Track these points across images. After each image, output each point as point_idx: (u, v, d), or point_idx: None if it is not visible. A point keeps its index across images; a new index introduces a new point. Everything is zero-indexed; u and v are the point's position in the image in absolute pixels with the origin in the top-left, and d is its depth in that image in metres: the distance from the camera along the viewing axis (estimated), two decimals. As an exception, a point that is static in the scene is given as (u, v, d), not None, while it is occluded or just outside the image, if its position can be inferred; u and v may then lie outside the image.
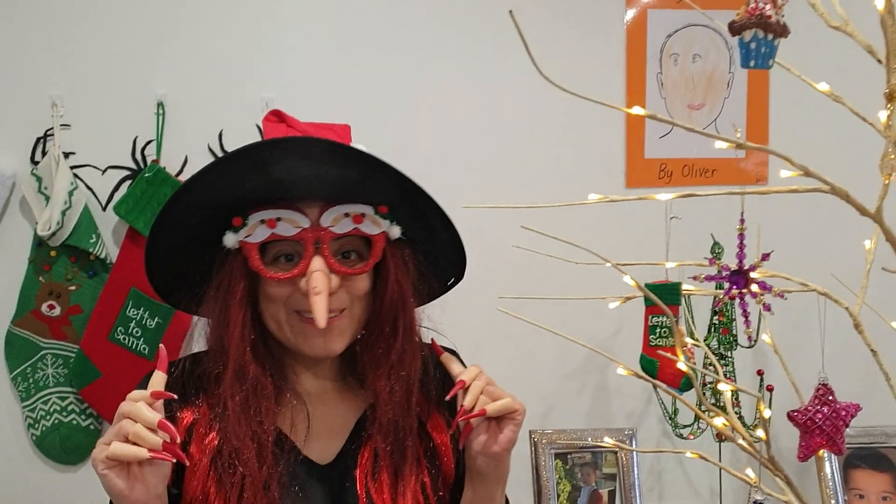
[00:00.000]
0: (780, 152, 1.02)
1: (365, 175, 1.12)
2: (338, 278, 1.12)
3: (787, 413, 1.23)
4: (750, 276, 1.08)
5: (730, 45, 2.19)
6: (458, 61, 2.18)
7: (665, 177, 2.16)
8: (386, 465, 1.16)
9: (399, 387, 1.17)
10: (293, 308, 1.14)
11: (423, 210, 1.18)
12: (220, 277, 1.15)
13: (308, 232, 1.11)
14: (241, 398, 1.12)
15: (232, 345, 1.13)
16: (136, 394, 1.00)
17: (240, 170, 1.09)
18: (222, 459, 1.11)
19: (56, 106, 2.03)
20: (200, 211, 1.13)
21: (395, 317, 1.18)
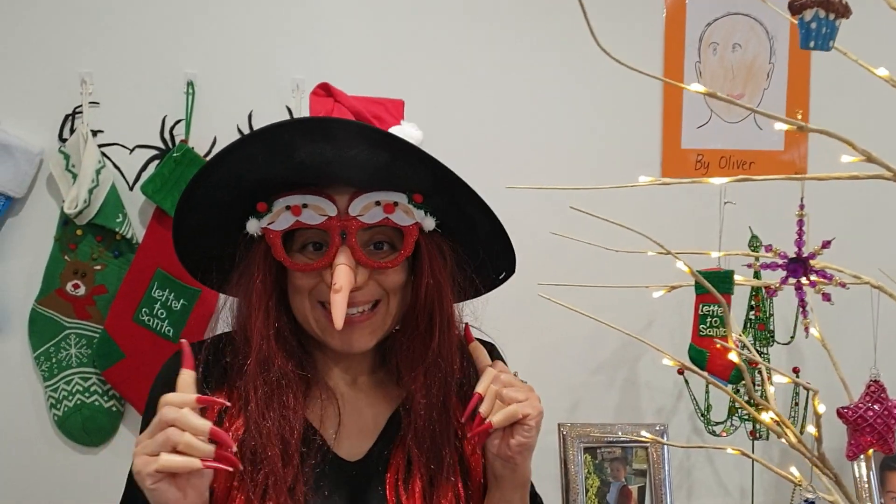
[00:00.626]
0: (843, 136, 0.98)
1: (397, 160, 1.05)
2: (366, 271, 1.07)
3: (837, 410, 1.19)
4: (809, 264, 1.03)
5: (770, 35, 2.14)
6: (493, 47, 2.14)
7: (701, 168, 2.11)
8: (420, 474, 1.11)
9: (436, 389, 1.11)
10: (318, 300, 1.09)
11: (461, 200, 1.11)
12: (244, 264, 1.11)
13: (334, 221, 1.06)
14: (265, 392, 1.07)
15: (254, 335, 1.08)
16: (177, 398, 0.94)
17: (259, 153, 1.03)
18: (245, 456, 1.05)
19: (85, 83, 2.01)
20: (223, 193, 1.08)
21: (432, 313, 1.11)
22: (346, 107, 1.14)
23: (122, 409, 2.08)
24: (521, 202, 2.01)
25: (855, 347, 1.69)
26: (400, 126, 1.15)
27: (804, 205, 1.04)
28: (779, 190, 2.10)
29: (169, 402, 0.93)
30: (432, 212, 1.11)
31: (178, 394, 0.95)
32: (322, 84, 1.17)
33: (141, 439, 0.95)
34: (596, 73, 2.15)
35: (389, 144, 1.03)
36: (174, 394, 0.95)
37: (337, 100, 1.15)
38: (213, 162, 1.05)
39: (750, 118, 2.14)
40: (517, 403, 1.05)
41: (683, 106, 2.13)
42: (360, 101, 1.16)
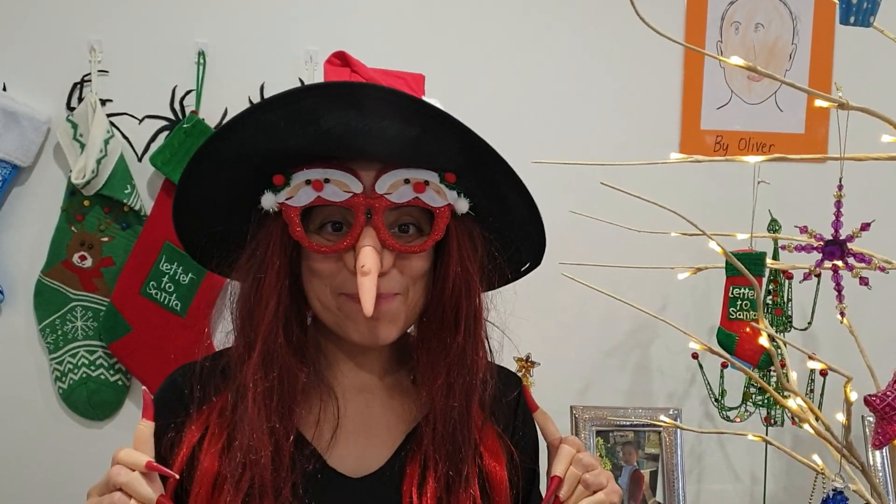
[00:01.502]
0: (884, 114, 0.95)
1: (429, 134, 0.94)
2: (391, 256, 0.96)
3: (864, 398, 1.16)
4: (847, 246, 1.00)
5: (794, 16, 2.10)
6: (512, 24, 2.09)
7: (720, 149, 2.08)
8: (436, 480, 1.00)
9: (459, 389, 1.00)
10: (339, 291, 0.99)
11: (497, 180, 1.00)
12: (256, 243, 0.99)
13: (360, 198, 0.95)
14: (265, 388, 0.97)
15: (263, 324, 0.97)
16: (129, 458, 0.88)
17: (277, 121, 0.92)
18: (232, 455, 0.97)
19: (94, 51, 1.97)
20: (233, 164, 0.97)
21: (458, 306, 1.00)
22: (363, 78, 1.04)
23: (129, 383, 2.06)
24: (539, 180, 1.98)
25: (877, 334, 1.67)
26: None
27: (842, 185, 1.01)
28: (798, 173, 2.09)
29: (119, 461, 0.89)
30: (465, 193, 1.01)
31: (131, 452, 0.90)
32: (338, 52, 1.08)
33: (92, 492, 0.90)
34: (616, 53, 2.11)
35: (423, 114, 0.92)
36: (127, 451, 0.90)
37: (354, 70, 1.05)
38: (224, 129, 0.94)
39: (771, 99, 2.10)
40: (603, 492, 0.99)
41: (704, 86, 2.09)
42: (379, 74, 1.07)
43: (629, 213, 1.72)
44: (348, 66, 1.08)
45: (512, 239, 1.06)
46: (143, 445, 0.91)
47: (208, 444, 0.99)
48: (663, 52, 2.11)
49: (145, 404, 0.93)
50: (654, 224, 1.68)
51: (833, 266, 1.00)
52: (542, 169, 1.67)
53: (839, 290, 1.02)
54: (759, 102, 2.10)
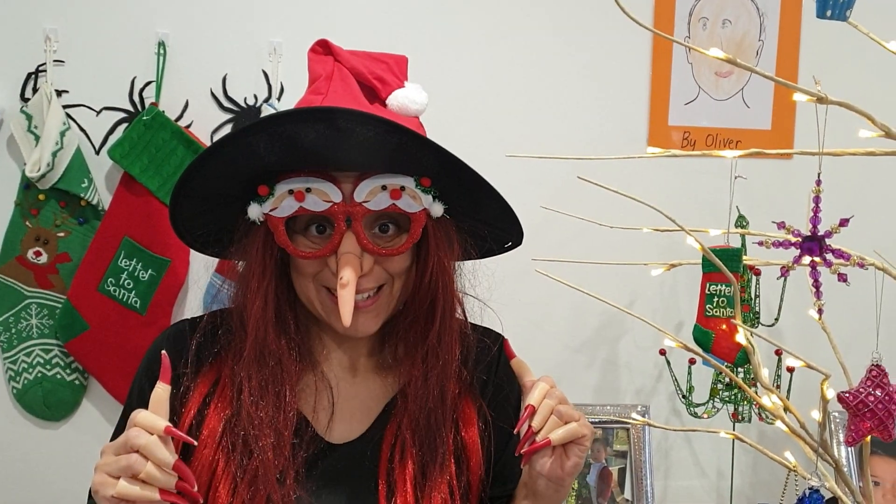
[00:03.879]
0: (862, 109, 0.94)
1: (404, 148, 1.01)
2: (371, 259, 1.04)
3: (838, 394, 1.15)
4: (826, 242, 0.99)
5: (761, 12, 2.10)
6: (483, 19, 2.07)
7: (688, 145, 2.08)
8: (413, 461, 1.07)
9: (434, 376, 1.08)
10: (323, 284, 1.06)
11: (468, 183, 1.07)
12: (244, 249, 1.07)
13: (339, 207, 1.02)
14: (260, 381, 1.04)
15: (251, 321, 1.05)
16: (147, 421, 0.90)
17: (257, 144, 0.99)
18: (235, 440, 1.03)
19: (49, 40, 1.91)
20: (219, 181, 1.04)
21: (434, 299, 1.08)
22: (346, 66, 1.07)
23: (86, 382, 2.00)
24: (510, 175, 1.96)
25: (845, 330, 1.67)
26: (404, 88, 1.08)
27: (821, 181, 1.00)
28: (766, 168, 2.10)
29: (138, 424, 0.90)
30: (440, 195, 1.07)
31: (149, 416, 0.91)
32: (321, 41, 1.10)
33: (106, 450, 0.92)
34: (584, 49, 2.10)
35: (396, 133, 0.99)
36: (145, 414, 0.91)
37: (337, 59, 1.08)
38: (208, 153, 1.02)
39: (738, 96, 2.10)
40: (576, 422, 1.02)
41: (671, 82, 2.08)
42: (361, 60, 1.09)
43: (600, 209, 1.71)
44: (331, 54, 1.11)
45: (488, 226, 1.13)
46: (160, 409, 0.92)
47: (215, 404, 1.06)
48: (631, 49, 2.10)
49: (164, 368, 0.95)
50: (625, 220, 1.67)
51: (812, 262, 0.99)
52: (514, 164, 1.65)
53: (817, 287, 1.01)
54: (727, 98, 2.10)
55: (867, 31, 1.17)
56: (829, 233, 1.01)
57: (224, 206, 1.08)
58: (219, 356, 1.09)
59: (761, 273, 1.87)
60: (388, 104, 1.08)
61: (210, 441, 1.05)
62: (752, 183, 1.91)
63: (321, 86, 1.05)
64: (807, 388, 1.65)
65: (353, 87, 1.06)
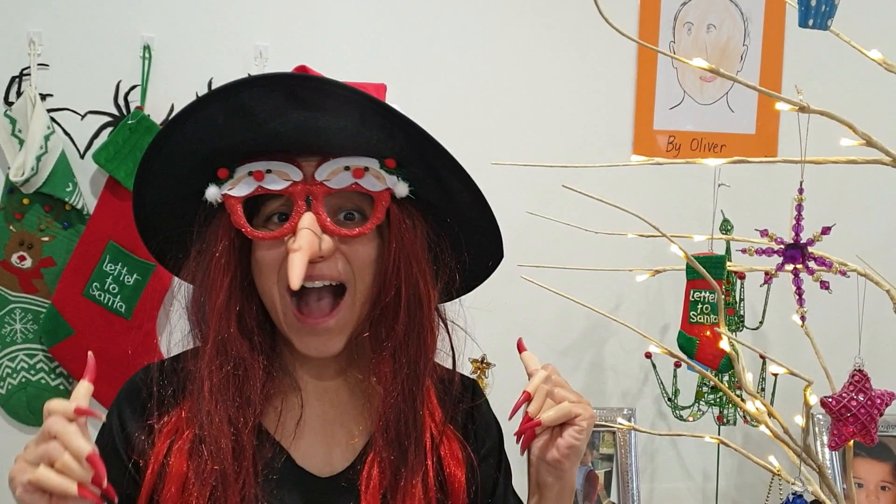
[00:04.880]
0: (845, 119, 0.95)
1: (368, 123, 0.97)
2: (332, 241, 0.97)
3: (821, 399, 1.17)
4: (808, 250, 1.00)
5: (745, 17, 2.11)
6: (467, 26, 2.07)
7: (673, 149, 2.09)
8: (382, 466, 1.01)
9: (403, 374, 1.00)
10: (285, 283, 0.97)
11: (438, 166, 1.02)
12: (204, 238, 1.01)
13: (299, 186, 0.97)
14: (220, 378, 0.98)
15: (213, 314, 0.99)
16: (60, 406, 0.88)
17: (216, 115, 0.96)
18: (198, 449, 0.98)
19: (34, 44, 1.90)
20: (182, 162, 1.00)
21: (399, 288, 1.00)
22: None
23: (70, 387, 1.99)
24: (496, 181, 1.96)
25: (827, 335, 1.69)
26: None
27: (803, 189, 1.01)
28: (749, 173, 2.10)
29: (52, 411, 0.88)
30: (406, 179, 1.02)
31: (62, 401, 0.89)
32: (299, 67, 1.09)
33: (29, 444, 0.89)
34: (570, 55, 2.10)
35: (360, 104, 0.96)
36: (59, 401, 0.89)
37: None
38: (168, 126, 0.99)
39: (722, 100, 2.12)
40: (569, 402, 1.00)
41: (657, 87, 2.09)
42: None
43: (585, 214, 1.71)
44: None
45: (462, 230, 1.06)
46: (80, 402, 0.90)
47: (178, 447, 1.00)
48: (617, 54, 2.11)
49: (88, 367, 0.93)
50: (609, 225, 1.68)
51: (794, 270, 1.00)
52: (500, 170, 1.66)
53: (800, 294, 1.02)
54: (711, 103, 2.12)
55: (848, 39, 1.18)
56: (811, 241, 1.01)
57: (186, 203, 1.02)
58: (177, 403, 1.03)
59: (746, 277, 1.88)
60: None
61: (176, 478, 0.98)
62: (737, 187, 1.92)
63: None
64: (791, 392, 1.66)
65: None
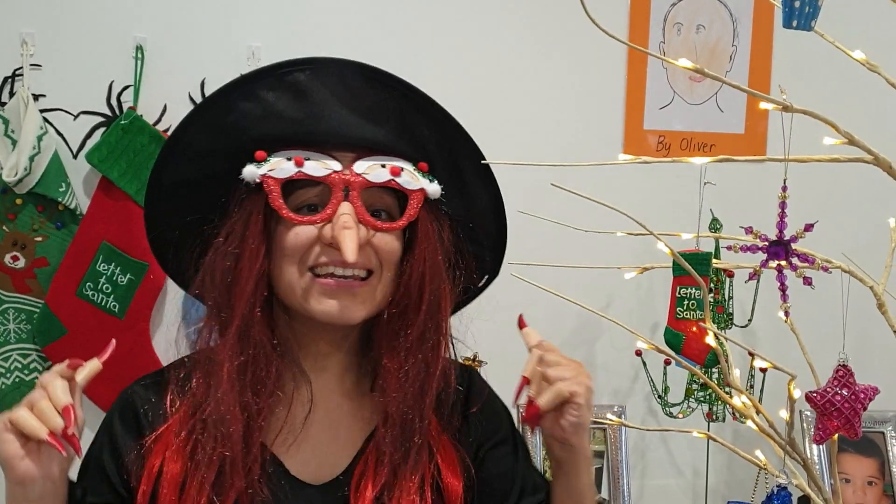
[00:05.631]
0: (826, 117, 0.96)
1: (398, 119, 1.03)
2: (366, 231, 0.99)
3: (806, 394, 1.18)
4: (791, 247, 1.02)
5: (734, 17, 2.13)
6: (458, 26, 2.08)
7: (663, 149, 2.10)
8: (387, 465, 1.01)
9: (415, 373, 1.01)
10: (309, 265, 1.00)
11: (463, 171, 1.08)
12: (234, 220, 1.01)
13: (339, 175, 0.98)
14: (241, 363, 0.98)
15: (242, 300, 0.98)
16: (57, 367, 0.96)
17: (263, 91, 0.98)
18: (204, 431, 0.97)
19: (26, 44, 1.90)
20: (217, 138, 1.01)
21: (422, 287, 1.03)
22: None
23: (64, 386, 2.00)
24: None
25: (814, 331, 1.71)
26: None
27: (786, 186, 1.02)
28: (738, 172, 2.12)
29: (54, 368, 0.96)
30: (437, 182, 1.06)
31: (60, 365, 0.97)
32: None
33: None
34: (560, 55, 2.12)
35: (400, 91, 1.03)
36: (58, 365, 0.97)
37: None
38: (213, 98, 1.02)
39: (712, 100, 2.13)
40: (562, 382, 1.01)
41: (647, 87, 2.11)
42: None
43: (575, 213, 1.73)
44: None
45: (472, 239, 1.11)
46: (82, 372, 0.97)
47: (172, 451, 1.00)
48: (607, 53, 2.13)
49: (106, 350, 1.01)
50: (599, 223, 1.69)
51: (777, 266, 1.02)
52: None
53: (783, 290, 1.04)
54: (701, 103, 2.14)
55: (833, 39, 1.20)
56: (795, 237, 1.03)
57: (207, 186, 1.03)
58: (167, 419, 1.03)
59: (734, 275, 1.90)
60: None
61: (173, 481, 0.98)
62: (726, 186, 1.94)
63: None
64: (779, 389, 1.68)
65: None
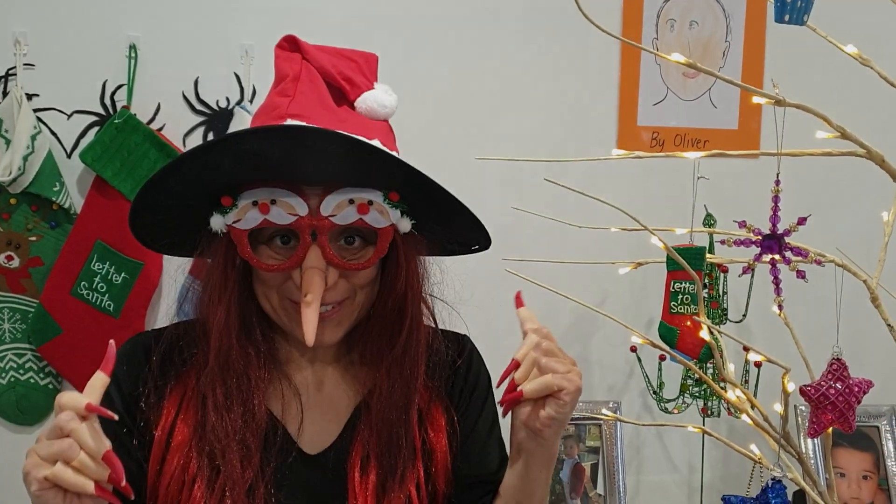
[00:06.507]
0: (819, 111, 0.97)
1: (371, 163, 1.00)
2: (335, 272, 1.02)
3: (800, 388, 1.19)
4: (785, 240, 1.02)
5: (727, 13, 2.13)
6: (453, 22, 2.08)
7: (656, 145, 2.11)
8: (376, 470, 1.07)
9: (398, 387, 1.07)
10: (287, 296, 1.04)
11: (436, 198, 1.06)
12: (207, 257, 1.06)
13: (305, 220, 0.99)
14: (225, 392, 1.02)
15: (214, 334, 1.03)
16: (71, 402, 0.86)
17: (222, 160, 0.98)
18: (203, 454, 1.02)
19: (19, 44, 1.90)
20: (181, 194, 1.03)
21: (402, 312, 1.07)
22: (314, 65, 1.06)
23: (59, 386, 2.00)
24: (480, 177, 1.98)
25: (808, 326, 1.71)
26: (373, 91, 1.08)
27: (779, 180, 1.03)
28: (732, 168, 2.13)
29: (64, 406, 0.86)
30: (408, 210, 1.06)
31: (73, 396, 0.87)
32: (288, 37, 1.08)
33: (41, 437, 0.88)
34: (554, 51, 2.12)
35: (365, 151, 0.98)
36: (70, 395, 0.87)
37: (305, 56, 1.06)
38: (169, 168, 1.00)
39: (705, 96, 2.14)
40: (554, 374, 0.99)
41: (640, 83, 2.11)
42: (330, 57, 1.07)
43: (568, 209, 1.73)
44: (299, 51, 1.09)
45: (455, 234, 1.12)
46: (93, 395, 0.88)
47: (183, 417, 1.04)
48: (600, 50, 2.13)
49: (107, 358, 0.91)
50: (593, 219, 1.69)
51: (771, 260, 1.02)
52: (484, 166, 1.67)
53: (777, 284, 1.04)
54: (694, 99, 2.14)
55: (825, 34, 1.20)
56: (788, 231, 1.03)
57: (185, 215, 1.06)
58: (184, 369, 1.07)
59: (729, 270, 1.90)
60: (356, 107, 1.07)
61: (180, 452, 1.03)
62: (720, 182, 1.95)
63: (288, 87, 1.04)
64: (773, 385, 1.68)
65: (321, 89, 1.05)
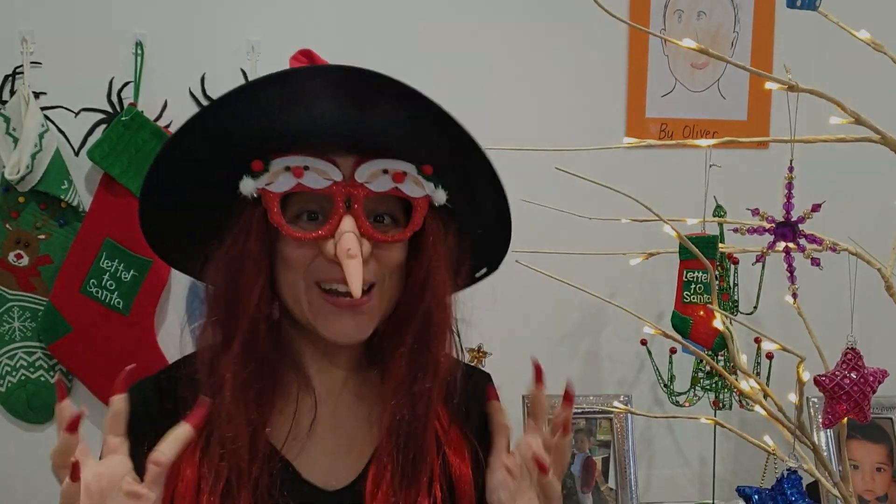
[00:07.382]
0: (833, 97, 0.96)
1: (410, 127, 0.95)
2: (369, 245, 0.95)
3: (814, 378, 1.18)
4: (799, 228, 1.01)
5: (735, 4, 2.12)
6: (457, 9, 2.08)
7: (665, 136, 2.10)
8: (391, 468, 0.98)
9: (422, 375, 0.98)
10: (314, 279, 0.96)
11: (473, 176, 1.01)
12: (234, 234, 0.97)
13: (340, 186, 0.93)
14: (244, 378, 0.95)
15: (245, 313, 0.95)
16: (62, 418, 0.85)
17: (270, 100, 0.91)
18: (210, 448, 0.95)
19: (26, 42, 1.91)
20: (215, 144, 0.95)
21: (427, 291, 0.99)
22: None
23: (70, 384, 1.99)
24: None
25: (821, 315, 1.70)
26: None
27: (793, 167, 1.02)
28: (742, 158, 2.12)
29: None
30: (442, 186, 1.00)
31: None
32: (304, 51, 1.06)
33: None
34: (561, 43, 2.11)
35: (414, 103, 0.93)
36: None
37: None
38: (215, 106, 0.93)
39: (714, 87, 2.12)
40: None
41: (648, 75, 2.10)
42: None
43: (578, 201, 1.72)
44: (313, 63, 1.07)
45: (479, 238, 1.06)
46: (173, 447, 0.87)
47: (189, 454, 0.95)
48: (608, 42, 2.12)
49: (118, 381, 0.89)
50: (603, 211, 1.69)
51: (785, 248, 1.01)
52: (493, 158, 1.66)
53: (791, 272, 1.03)
54: (703, 90, 2.13)
55: (837, 19, 1.19)
56: (802, 218, 1.02)
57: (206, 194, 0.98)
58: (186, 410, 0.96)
59: (739, 262, 1.89)
60: None
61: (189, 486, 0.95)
62: (730, 173, 1.94)
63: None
64: (785, 376, 1.67)
65: None
